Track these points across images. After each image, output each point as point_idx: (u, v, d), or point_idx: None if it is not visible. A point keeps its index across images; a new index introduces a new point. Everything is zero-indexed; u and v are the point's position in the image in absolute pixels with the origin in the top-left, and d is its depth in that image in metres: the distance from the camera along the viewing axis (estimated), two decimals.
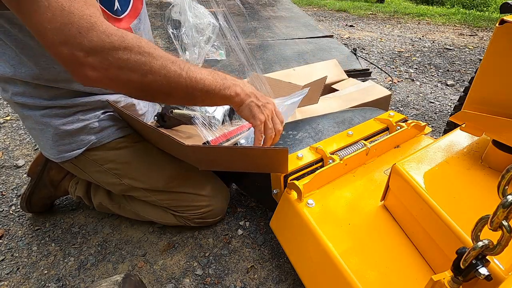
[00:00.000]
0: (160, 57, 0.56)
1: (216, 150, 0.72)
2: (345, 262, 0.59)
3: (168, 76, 0.57)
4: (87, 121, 0.74)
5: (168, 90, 0.58)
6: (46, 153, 0.78)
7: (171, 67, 0.57)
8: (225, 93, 0.64)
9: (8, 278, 0.83)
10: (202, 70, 0.61)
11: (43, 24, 0.48)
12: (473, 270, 0.40)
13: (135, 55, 0.53)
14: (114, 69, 0.53)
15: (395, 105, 1.77)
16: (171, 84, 0.57)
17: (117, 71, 0.53)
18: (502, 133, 0.60)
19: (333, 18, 3.96)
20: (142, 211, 0.92)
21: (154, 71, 0.55)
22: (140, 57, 0.54)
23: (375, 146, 0.82)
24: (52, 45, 0.50)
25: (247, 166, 0.77)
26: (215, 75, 0.63)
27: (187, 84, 0.59)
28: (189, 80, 0.59)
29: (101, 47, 0.50)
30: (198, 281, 0.81)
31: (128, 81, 0.55)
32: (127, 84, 0.56)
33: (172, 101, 0.65)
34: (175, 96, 0.61)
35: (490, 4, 5.69)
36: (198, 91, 0.60)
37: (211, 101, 0.65)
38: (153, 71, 0.55)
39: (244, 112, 0.69)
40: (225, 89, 0.64)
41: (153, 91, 0.58)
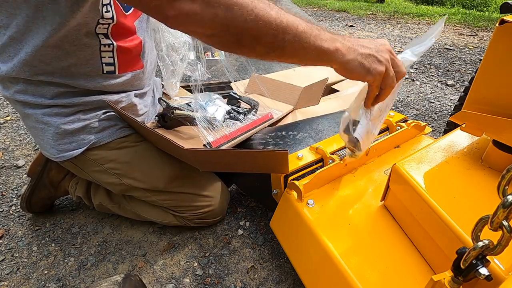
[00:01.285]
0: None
1: (216, 153, 0.72)
2: (345, 262, 0.59)
3: (255, 12, 0.47)
4: (88, 121, 0.74)
5: (256, 31, 0.48)
6: (46, 152, 0.78)
7: (259, 3, 0.48)
8: (322, 46, 0.51)
9: (8, 278, 0.83)
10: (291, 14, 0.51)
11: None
12: (473, 270, 0.40)
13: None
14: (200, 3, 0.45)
15: (395, 105, 1.77)
16: (259, 22, 0.48)
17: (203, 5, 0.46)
18: (502, 133, 0.60)
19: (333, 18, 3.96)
20: (142, 211, 0.92)
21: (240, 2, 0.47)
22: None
23: (375, 146, 0.82)
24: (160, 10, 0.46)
25: (247, 168, 0.77)
26: (309, 23, 0.52)
27: (278, 25, 0.48)
28: (279, 20, 0.49)
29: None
30: (198, 281, 0.81)
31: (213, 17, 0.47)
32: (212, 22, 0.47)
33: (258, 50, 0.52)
34: (262, 41, 0.50)
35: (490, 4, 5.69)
36: (290, 36, 0.49)
37: (303, 54, 0.52)
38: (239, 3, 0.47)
39: (353, 69, 0.54)
40: (322, 42, 0.51)
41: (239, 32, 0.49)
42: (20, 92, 0.69)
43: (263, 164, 0.72)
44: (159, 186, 0.84)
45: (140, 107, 0.85)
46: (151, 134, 0.76)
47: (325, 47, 0.51)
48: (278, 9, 0.50)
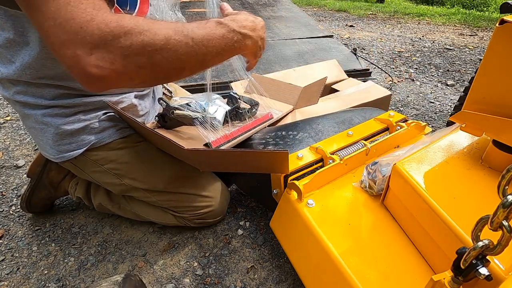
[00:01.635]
0: (161, 29, 0.51)
1: (216, 153, 0.72)
2: (345, 262, 0.59)
3: (175, 50, 0.52)
4: (88, 121, 0.74)
5: (180, 64, 0.54)
6: (46, 153, 0.78)
7: (175, 37, 0.52)
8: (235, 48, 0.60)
9: (8, 278, 0.83)
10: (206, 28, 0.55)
11: (49, 22, 0.46)
12: (473, 270, 0.40)
13: (136, 37, 0.49)
14: (119, 60, 0.49)
15: (395, 105, 1.77)
16: (181, 57, 0.53)
17: (123, 61, 0.49)
18: (502, 133, 0.60)
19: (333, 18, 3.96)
20: (142, 212, 0.92)
21: (160, 48, 0.51)
22: (143, 38, 0.50)
23: (375, 146, 0.82)
24: (56, 45, 0.48)
25: (247, 168, 0.77)
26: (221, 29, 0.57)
27: (196, 51, 0.53)
28: (197, 47, 0.53)
29: (102, 39, 0.47)
30: (198, 281, 0.81)
31: (138, 68, 0.51)
32: (137, 73, 0.52)
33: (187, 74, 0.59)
34: (189, 67, 0.56)
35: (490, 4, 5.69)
36: (208, 54, 0.55)
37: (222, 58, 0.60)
38: (158, 49, 0.51)
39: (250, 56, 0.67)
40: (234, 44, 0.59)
41: (166, 70, 0.54)
42: (20, 93, 0.69)
43: (263, 164, 0.72)
44: (159, 186, 0.84)
45: (141, 108, 0.85)
46: (151, 135, 0.76)
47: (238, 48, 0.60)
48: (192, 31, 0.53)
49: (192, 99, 0.96)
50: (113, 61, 0.48)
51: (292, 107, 1.12)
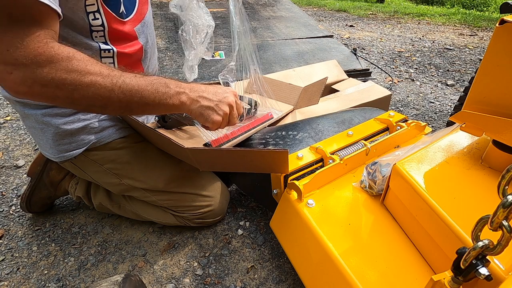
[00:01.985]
0: (90, 73, 0.56)
1: (216, 152, 0.72)
2: (345, 262, 0.59)
3: (97, 93, 0.56)
4: (88, 121, 0.74)
5: (100, 104, 0.58)
6: (46, 152, 0.78)
7: (101, 82, 0.56)
8: (168, 103, 0.63)
9: (8, 278, 0.83)
10: (141, 81, 0.60)
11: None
12: (473, 270, 0.40)
13: (60, 73, 0.53)
14: (37, 86, 0.53)
15: (395, 105, 1.77)
16: (102, 99, 0.57)
17: (41, 88, 0.53)
18: (502, 133, 0.60)
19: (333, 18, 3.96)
20: (142, 211, 0.92)
21: (82, 88, 0.55)
22: (66, 76, 0.54)
23: (375, 146, 0.82)
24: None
25: (247, 167, 0.77)
26: (157, 85, 0.62)
27: (120, 98, 0.58)
28: (122, 94, 0.58)
29: (23, 65, 0.51)
30: (198, 281, 0.81)
31: (54, 97, 0.55)
32: (53, 99, 0.56)
33: (109, 113, 0.65)
34: (109, 109, 0.61)
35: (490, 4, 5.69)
36: (134, 103, 0.60)
37: (153, 111, 0.65)
38: (79, 89, 0.55)
39: (197, 117, 0.68)
40: (167, 99, 0.62)
41: (85, 105, 0.59)
42: None
43: (263, 164, 0.72)
44: (159, 186, 0.84)
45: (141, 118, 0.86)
46: (151, 134, 0.76)
47: (171, 103, 0.63)
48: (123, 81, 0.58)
49: None
50: (31, 85, 0.53)
51: (292, 107, 1.12)
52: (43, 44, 0.52)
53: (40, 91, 0.54)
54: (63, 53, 0.54)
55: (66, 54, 0.54)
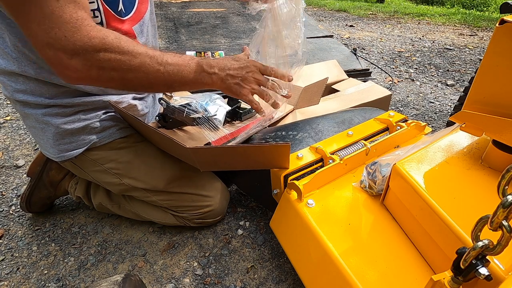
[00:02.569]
0: (139, 54, 0.59)
1: (218, 150, 0.72)
2: (345, 262, 0.59)
3: (147, 73, 0.61)
4: (88, 121, 0.74)
5: (148, 84, 0.63)
6: (46, 152, 0.78)
7: (150, 63, 0.60)
8: (202, 82, 0.68)
9: (8, 278, 0.83)
10: (180, 61, 0.65)
11: (32, 25, 0.51)
12: (473, 270, 0.40)
13: (115, 55, 0.56)
14: (95, 69, 0.56)
15: (395, 105, 1.77)
16: (150, 79, 0.62)
17: (98, 71, 0.56)
18: (502, 133, 0.60)
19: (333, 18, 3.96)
20: (142, 211, 0.92)
21: (134, 69, 0.59)
22: (120, 57, 0.57)
23: (375, 146, 0.82)
24: (38, 45, 0.53)
25: (249, 164, 0.77)
26: (193, 65, 0.66)
27: (165, 77, 0.63)
28: (167, 74, 0.63)
29: (83, 49, 0.53)
30: (198, 281, 0.81)
31: (109, 79, 0.59)
32: (109, 81, 0.60)
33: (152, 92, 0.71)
34: (155, 88, 0.66)
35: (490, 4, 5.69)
36: (176, 82, 0.65)
37: (190, 88, 0.71)
38: (132, 69, 0.59)
39: (229, 93, 0.72)
40: (201, 79, 0.67)
41: (134, 85, 0.63)
42: (20, 91, 0.69)
43: (265, 159, 0.73)
44: (159, 186, 0.84)
45: (141, 108, 0.85)
46: (152, 133, 0.76)
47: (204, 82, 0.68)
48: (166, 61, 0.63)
49: (192, 99, 0.96)
50: (89, 69, 0.56)
51: (293, 107, 1.12)
52: (92, 27, 0.55)
53: (97, 74, 0.57)
54: (111, 34, 0.57)
55: (113, 35, 0.57)
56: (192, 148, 0.65)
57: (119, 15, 0.71)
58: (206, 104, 0.93)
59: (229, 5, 2.78)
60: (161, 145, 0.83)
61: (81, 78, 0.57)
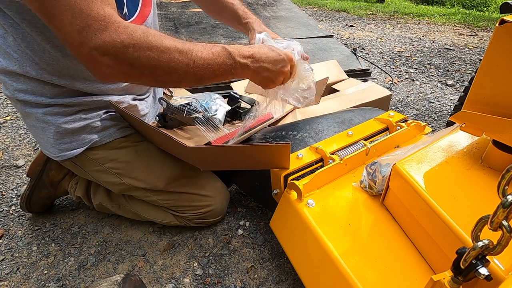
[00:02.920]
0: (168, 48, 0.58)
1: (218, 149, 0.72)
2: (345, 262, 0.59)
3: (176, 68, 0.59)
4: (89, 120, 0.74)
5: (178, 78, 0.62)
6: (47, 151, 0.78)
7: (179, 58, 0.59)
8: (233, 73, 0.67)
9: (8, 278, 0.83)
10: (210, 54, 0.62)
11: (64, 27, 0.51)
12: (473, 270, 0.40)
13: (143, 51, 0.56)
14: (126, 66, 0.56)
15: (395, 105, 1.77)
16: (180, 74, 0.60)
17: (129, 67, 0.56)
18: (502, 133, 0.60)
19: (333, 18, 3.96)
20: (142, 211, 0.92)
21: (163, 64, 0.58)
22: (150, 53, 0.56)
23: (375, 146, 0.82)
24: (73, 45, 0.53)
25: (249, 164, 0.77)
26: (224, 57, 0.64)
27: (195, 72, 0.61)
28: (196, 68, 0.61)
29: (112, 46, 0.53)
30: (198, 281, 0.81)
31: (141, 75, 0.58)
32: (140, 78, 0.59)
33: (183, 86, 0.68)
34: (185, 82, 0.64)
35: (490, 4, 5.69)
36: (205, 76, 0.63)
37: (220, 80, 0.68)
38: (162, 65, 0.58)
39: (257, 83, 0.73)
40: (232, 70, 0.66)
41: (165, 81, 0.62)
42: (21, 91, 0.69)
43: (265, 159, 0.73)
44: (159, 185, 0.84)
45: (141, 108, 0.86)
46: (152, 133, 0.76)
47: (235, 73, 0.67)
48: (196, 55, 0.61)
49: (192, 98, 0.97)
50: (121, 66, 0.55)
51: (293, 107, 1.12)
52: (119, 23, 0.54)
53: (128, 71, 0.57)
54: (139, 30, 0.56)
55: (141, 31, 0.56)
56: (192, 147, 0.65)
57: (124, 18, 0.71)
58: (206, 104, 0.93)
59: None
60: (161, 144, 0.83)
61: (114, 75, 0.57)
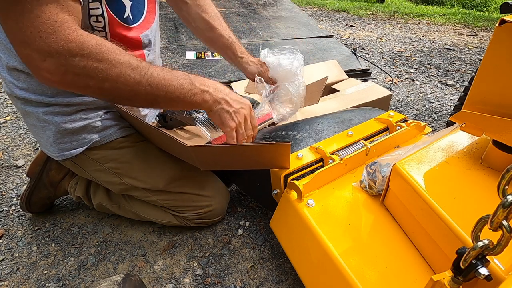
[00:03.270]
0: (120, 63, 0.57)
1: (218, 149, 0.72)
2: (345, 262, 0.59)
3: (126, 84, 0.58)
4: (89, 120, 0.74)
5: (128, 95, 0.60)
6: (47, 151, 0.78)
7: (131, 74, 0.58)
8: (191, 100, 0.64)
9: (8, 278, 0.83)
10: (168, 75, 0.61)
11: (10, 21, 0.50)
12: (473, 270, 0.40)
13: (92, 62, 0.54)
14: (70, 75, 0.54)
15: (395, 105, 1.77)
16: (129, 91, 0.59)
17: (73, 76, 0.54)
18: (502, 133, 0.60)
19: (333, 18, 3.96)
20: (142, 211, 0.92)
21: (112, 79, 0.56)
22: (98, 65, 0.55)
23: (375, 146, 0.82)
24: (15, 42, 0.51)
25: (249, 164, 0.77)
26: (183, 81, 0.63)
27: (147, 91, 0.59)
28: (149, 87, 0.59)
29: (57, 52, 0.51)
30: (198, 281, 0.81)
31: (85, 86, 0.56)
32: (85, 89, 0.57)
33: (135, 105, 0.66)
34: (136, 101, 0.62)
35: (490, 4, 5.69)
36: (160, 97, 0.61)
37: (177, 106, 0.67)
38: (110, 79, 0.56)
39: (214, 118, 0.69)
40: (191, 96, 0.64)
41: (113, 96, 0.60)
42: (21, 88, 0.69)
43: (265, 159, 0.73)
44: (159, 185, 0.84)
45: (142, 108, 0.86)
46: (152, 133, 0.76)
47: (194, 100, 0.64)
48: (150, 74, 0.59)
49: None
50: (64, 73, 0.53)
51: None
52: (72, 31, 0.53)
53: (72, 80, 0.55)
54: (92, 40, 0.55)
55: (95, 41, 0.55)
56: (193, 147, 0.65)
57: (125, 22, 0.71)
58: None
59: (229, 5, 2.78)
60: (161, 144, 0.83)
61: (56, 81, 0.55)
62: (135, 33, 0.74)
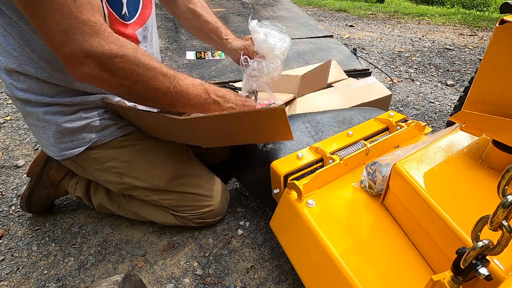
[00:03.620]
0: (154, 68, 0.60)
1: (212, 118, 0.70)
2: (345, 262, 0.59)
3: (156, 87, 0.62)
4: (89, 119, 0.74)
5: (154, 98, 0.64)
6: (47, 150, 0.78)
7: (162, 79, 0.62)
8: (205, 108, 0.71)
9: (8, 278, 0.83)
10: (190, 84, 0.66)
11: (50, 25, 0.51)
12: (473, 270, 0.40)
13: (130, 64, 0.57)
14: (108, 74, 0.57)
15: (395, 105, 1.77)
16: (157, 94, 0.63)
17: (109, 75, 0.57)
18: (502, 133, 0.60)
19: (333, 18, 3.96)
20: (142, 211, 0.92)
21: (145, 81, 0.60)
22: (135, 68, 0.58)
23: (375, 146, 0.82)
24: (55, 44, 0.53)
25: (249, 137, 0.77)
26: (200, 90, 0.68)
27: (172, 96, 0.65)
28: (175, 93, 0.64)
29: (100, 52, 0.54)
30: (198, 281, 0.81)
31: (119, 85, 0.60)
32: (116, 88, 0.61)
33: (155, 106, 0.71)
34: (159, 103, 0.67)
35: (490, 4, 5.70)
36: (180, 103, 0.67)
37: (190, 110, 0.73)
38: (143, 82, 0.60)
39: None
40: (205, 105, 0.70)
41: (140, 97, 0.64)
42: (22, 90, 0.69)
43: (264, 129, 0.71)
44: (160, 185, 0.84)
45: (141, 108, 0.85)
46: (147, 118, 0.75)
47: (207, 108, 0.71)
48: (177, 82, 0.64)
49: None
50: (101, 72, 0.56)
51: (293, 95, 1.12)
52: (110, 33, 0.56)
53: (108, 79, 0.58)
54: (129, 44, 0.58)
55: (131, 45, 0.58)
56: (187, 119, 0.66)
57: (123, 18, 0.71)
58: None
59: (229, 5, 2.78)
60: (157, 130, 0.81)
61: (91, 77, 0.58)
62: (131, 29, 0.74)
